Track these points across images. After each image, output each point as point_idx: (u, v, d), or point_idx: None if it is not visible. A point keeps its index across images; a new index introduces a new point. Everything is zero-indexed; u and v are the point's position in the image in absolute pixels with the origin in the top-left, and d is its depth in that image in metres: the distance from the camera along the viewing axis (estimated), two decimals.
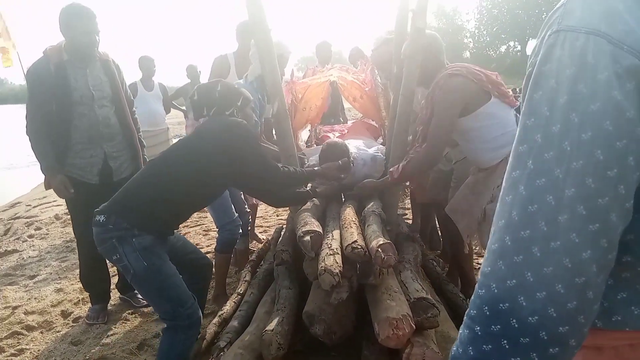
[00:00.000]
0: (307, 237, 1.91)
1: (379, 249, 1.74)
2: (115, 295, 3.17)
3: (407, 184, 3.90)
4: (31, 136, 2.65)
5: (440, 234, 3.62)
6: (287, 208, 3.40)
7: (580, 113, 0.53)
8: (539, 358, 0.56)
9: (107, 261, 2.68)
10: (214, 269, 3.10)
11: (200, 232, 4.66)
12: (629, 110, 0.51)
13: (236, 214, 2.91)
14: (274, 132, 3.32)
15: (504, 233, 0.58)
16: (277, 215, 5.01)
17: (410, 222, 3.99)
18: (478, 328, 0.59)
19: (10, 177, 9.26)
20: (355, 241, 1.84)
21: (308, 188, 2.49)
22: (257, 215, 4.42)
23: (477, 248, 2.71)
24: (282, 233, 3.01)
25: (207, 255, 3.84)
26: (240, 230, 3.05)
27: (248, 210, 3.36)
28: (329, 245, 1.89)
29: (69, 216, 5.25)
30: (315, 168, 2.50)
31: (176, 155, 2.05)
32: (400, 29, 2.76)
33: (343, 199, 2.78)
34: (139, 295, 3.03)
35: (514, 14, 40.85)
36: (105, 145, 2.78)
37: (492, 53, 44.97)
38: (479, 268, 2.70)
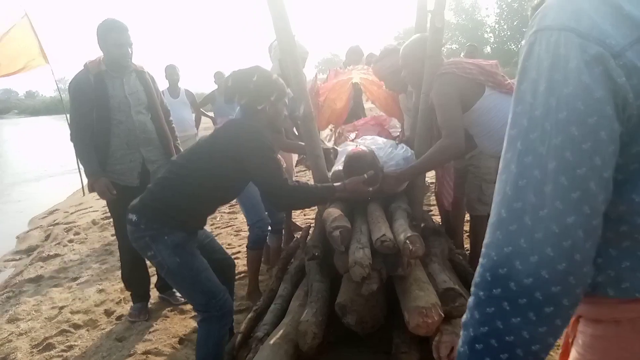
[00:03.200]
0: (337, 232, 1.99)
1: (407, 241, 1.81)
2: (154, 294, 3.32)
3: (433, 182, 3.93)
4: (76, 143, 2.84)
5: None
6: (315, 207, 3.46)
7: (556, 97, 0.62)
8: (536, 317, 0.63)
9: (147, 261, 2.83)
10: (246, 266, 3.24)
11: (231, 232, 4.79)
12: (597, 91, 0.60)
13: (266, 212, 3.03)
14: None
15: (500, 207, 0.66)
16: (305, 215, 5.11)
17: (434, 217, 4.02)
18: (481, 293, 0.67)
19: (47, 185, 9.61)
20: (384, 234, 1.91)
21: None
22: None
23: None
24: (311, 231, 3.11)
25: (237, 254, 4.02)
26: (270, 228, 3.17)
27: None
28: (358, 240, 1.97)
29: (106, 221, 5.50)
30: (336, 184, 2.24)
31: (196, 154, 2.12)
32: (420, 29, 2.83)
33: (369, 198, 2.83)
34: (177, 294, 3.17)
35: None
36: (142, 150, 2.94)
37: (513, 47, 44.14)
38: None
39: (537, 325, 0.63)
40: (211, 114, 6.73)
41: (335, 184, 2.24)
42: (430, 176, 4.86)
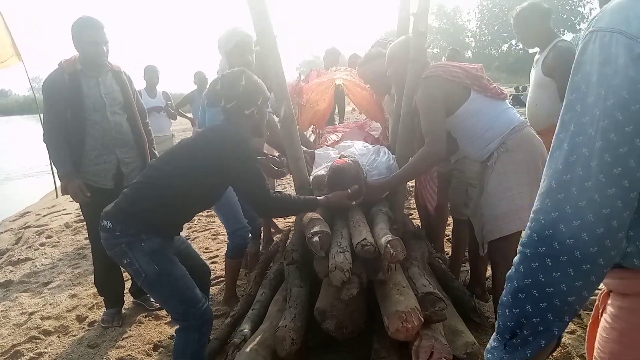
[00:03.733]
0: (316, 238, 1.96)
1: (388, 245, 1.79)
2: (128, 300, 3.24)
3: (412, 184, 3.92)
4: (49, 143, 2.76)
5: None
6: None
7: (606, 87, 0.73)
8: (574, 272, 0.75)
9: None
10: (224, 270, 3.17)
11: (209, 236, 4.72)
12: None
13: (246, 220, 2.96)
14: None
15: (551, 178, 0.78)
16: (285, 218, 5.06)
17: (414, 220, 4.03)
18: (528, 251, 0.79)
19: (18, 187, 9.34)
20: (365, 239, 1.89)
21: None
22: None
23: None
24: (291, 235, 3.07)
25: (215, 258, 3.96)
26: (250, 235, 3.11)
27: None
28: (339, 244, 1.95)
29: (79, 224, 5.36)
30: (320, 197, 2.25)
31: (175, 159, 2.05)
32: (402, 33, 2.83)
33: None
34: (152, 299, 3.09)
35: None
36: (118, 151, 2.87)
37: (494, 52, 44.95)
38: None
39: (574, 280, 0.76)
40: (190, 115, 6.64)
41: (319, 198, 2.25)
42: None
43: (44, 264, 4.28)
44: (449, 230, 3.69)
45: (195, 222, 5.21)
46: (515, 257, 0.82)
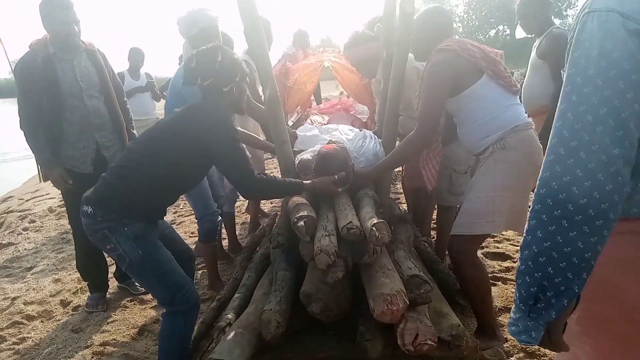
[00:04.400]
0: (301, 223, 1.94)
1: (374, 228, 1.79)
2: (113, 284, 3.21)
3: (400, 169, 3.92)
4: (26, 130, 2.67)
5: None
6: None
7: (607, 59, 0.83)
8: (589, 229, 0.83)
9: None
10: (203, 259, 3.14)
11: (194, 220, 4.67)
12: (638, 54, 0.82)
13: (215, 205, 2.92)
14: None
15: (558, 146, 0.87)
16: (271, 202, 5.05)
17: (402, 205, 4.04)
18: (544, 216, 0.87)
19: (1, 171, 9.18)
20: (350, 222, 1.88)
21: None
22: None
23: None
24: (277, 219, 3.05)
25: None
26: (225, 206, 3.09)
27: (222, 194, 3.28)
28: (325, 227, 1.93)
29: (62, 209, 5.28)
30: (306, 182, 2.21)
31: (154, 140, 1.99)
32: (388, 15, 2.78)
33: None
34: (137, 283, 3.07)
35: None
36: (97, 135, 2.81)
37: (481, 37, 44.86)
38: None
39: (589, 236, 0.84)
40: None
41: (305, 182, 2.20)
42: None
43: (27, 249, 4.22)
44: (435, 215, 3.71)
45: (181, 207, 5.17)
46: (528, 226, 0.90)
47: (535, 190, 0.91)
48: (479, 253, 3.13)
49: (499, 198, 2.10)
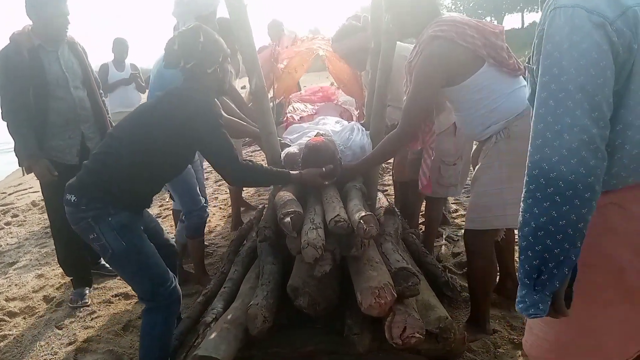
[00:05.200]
0: (288, 219, 1.91)
1: (361, 221, 1.76)
2: (98, 279, 3.16)
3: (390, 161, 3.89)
4: (9, 122, 2.62)
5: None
6: (269, 187, 3.34)
7: (577, 50, 0.94)
8: (580, 202, 0.93)
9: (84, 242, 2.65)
10: (190, 254, 3.09)
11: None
12: (603, 44, 0.94)
13: (203, 200, 2.87)
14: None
15: (545, 131, 0.96)
16: (259, 195, 5.01)
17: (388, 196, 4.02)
18: (538, 194, 0.96)
19: None
20: (338, 215, 1.85)
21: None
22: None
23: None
24: (264, 212, 3.02)
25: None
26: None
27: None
28: (312, 220, 1.90)
29: None
30: (293, 172, 2.18)
31: (136, 126, 1.94)
32: (376, 5, 2.74)
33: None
34: (119, 276, 3.01)
35: None
36: (82, 127, 2.80)
37: None
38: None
39: (580, 208, 0.93)
40: None
41: (292, 172, 2.17)
42: None
43: (10, 244, 4.14)
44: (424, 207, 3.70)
45: (167, 200, 5.11)
46: (525, 205, 0.98)
47: (527, 171, 0.98)
48: None
49: (507, 190, 2.01)
